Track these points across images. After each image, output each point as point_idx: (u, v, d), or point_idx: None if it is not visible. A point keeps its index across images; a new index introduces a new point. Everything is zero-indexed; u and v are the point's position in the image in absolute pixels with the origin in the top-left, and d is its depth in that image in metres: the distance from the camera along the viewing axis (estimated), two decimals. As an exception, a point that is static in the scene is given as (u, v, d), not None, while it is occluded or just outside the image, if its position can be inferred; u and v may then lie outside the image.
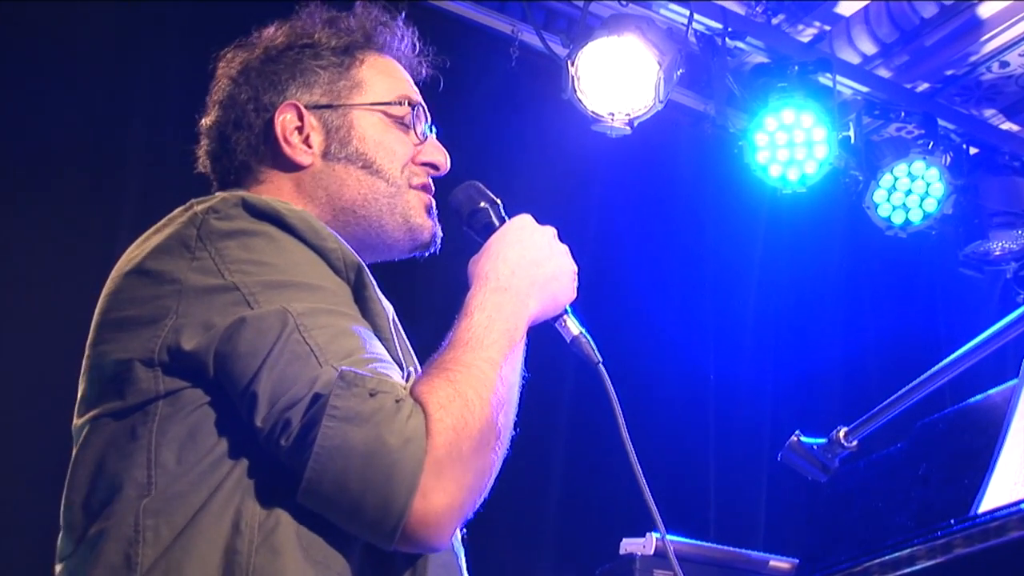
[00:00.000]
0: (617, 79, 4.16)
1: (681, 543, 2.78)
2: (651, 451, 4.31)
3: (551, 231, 1.89)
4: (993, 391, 2.08)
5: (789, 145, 4.44)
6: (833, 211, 5.00)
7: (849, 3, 4.61)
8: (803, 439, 2.27)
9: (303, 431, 1.52)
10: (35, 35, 3.60)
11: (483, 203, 1.93)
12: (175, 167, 2.20)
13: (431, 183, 2.00)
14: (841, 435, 2.24)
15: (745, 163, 4.50)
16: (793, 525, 4.47)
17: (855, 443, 2.23)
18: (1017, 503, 1.58)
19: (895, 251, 5.09)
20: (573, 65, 4.15)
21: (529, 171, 4.30)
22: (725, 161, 4.65)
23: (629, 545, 2.84)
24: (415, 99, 2.01)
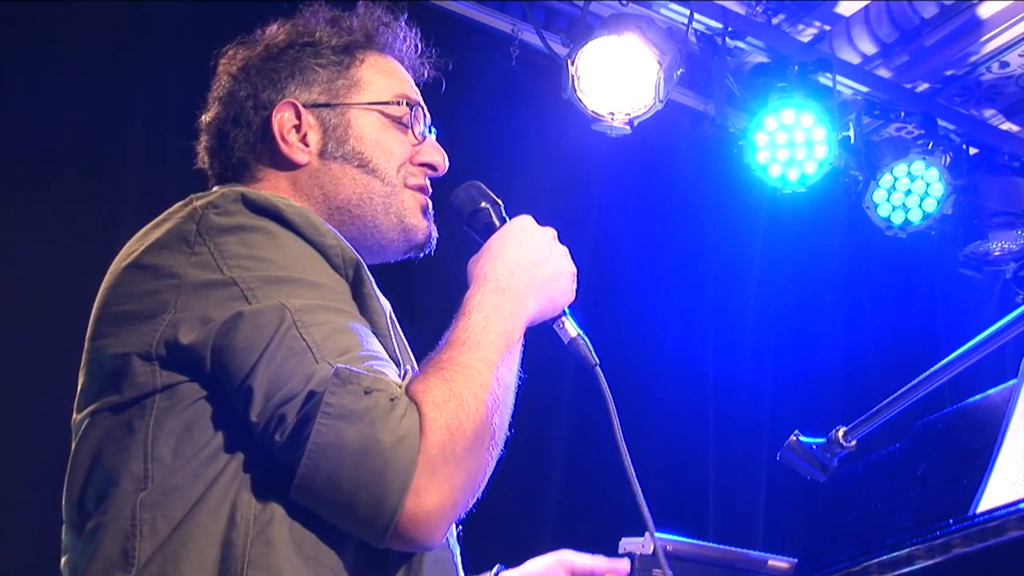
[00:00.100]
0: (617, 78, 4.16)
1: (680, 542, 2.77)
2: (650, 451, 4.36)
3: (551, 232, 1.88)
4: (992, 391, 2.07)
5: (789, 145, 4.44)
6: (833, 211, 5.00)
7: (849, 3, 4.61)
8: (802, 439, 2.27)
9: (297, 427, 1.52)
10: (35, 35, 3.60)
11: (484, 203, 1.93)
12: (175, 167, 2.20)
13: (428, 184, 2.00)
14: (840, 435, 2.24)
15: (745, 163, 4.50)
16: (792, 525, 4.48)
17: (854, 443, 2.23)
18: (1016, 503, 1.58)
19: (895, 251, 5.09)
20: (573, 64, 4.15)
21: (529, 170, 4.30)
22: (725, 161, 4.65)
23: (628, 544, 2.83)
24: (414, 99, 2.01)
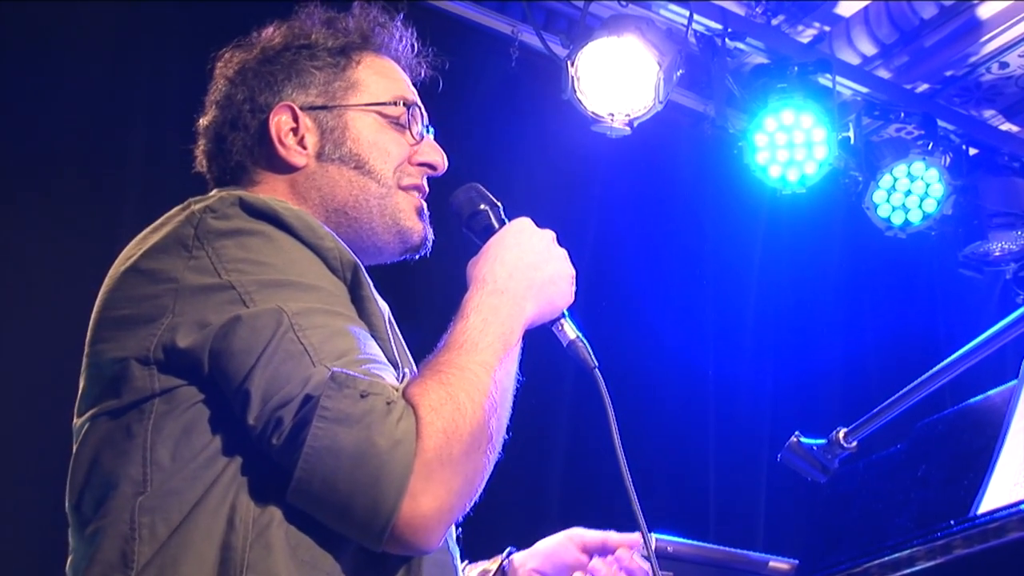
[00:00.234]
0: (617, 80, 4.16)
1: (681, 544, 2.78)
2: (651, 452, 4.36)
3: (550, 234, 1.88)
4: (993, 392, 2.07)
5: (789, 146, 4.44)
6: (833, 212, 5.00)
7: (849, 4, 4.61)
8: (803, 440, 2.27)
9: (294, 431, 1.52)
10: (35, 35, 3.60)
11: (483, 205, 1.93)
12: (175, 167, 2.20)
13: (425, 185, 2.00)
14: (841, 436, 2.24)
15: (745, 164, 4.50)
16: (793, 526, 4.48)
17: (855, 444, 2.23)
18: (1017, 504, 1.58)
19: (895, 252, 5.08)
20: (573, 65, 4.15)
21: (529, 172, 4.30)
22: (725, 162, 4.65)
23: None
24: (411, 99, 2.01)
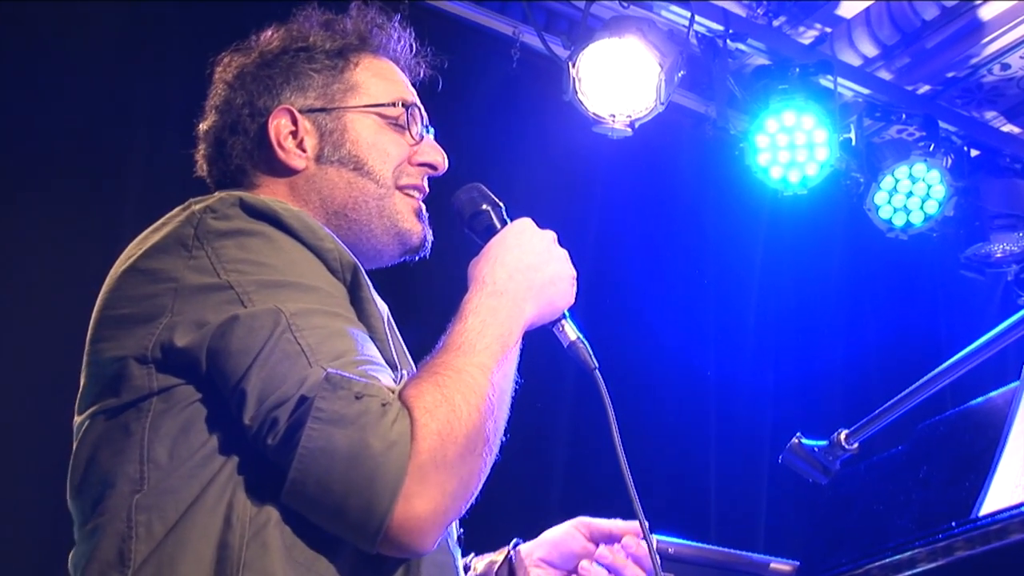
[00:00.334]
0: (618, 81, 4.16)
1: (681, 545, 2.77)
2: (652, 453, 4.35)
3: (551, 235, 1.88)
4: (994, 393, 2.07)
5: (790, 147, 4.44)
6: (834, 213, 5.00)
7: (850, 5, 4.61)
8: (804, 441, 2.27)
9: (289, 431, 1.52)
10: (35, 35, 3.60)
11: (485, 206, 1.93)
12: (175, 167, 2.20)
13: (425, 185, 2.00)
14: (842, 437, 2.23)
15: (746, 165, 4.50)
16: (794, 527, 4.47)
17: (856, 445, 2.23)
18: (1018, 506, 1.57)
19: (896, 253, 5.08)
20: (574, 66, 4.15)
21: (530, 173, 4.30)
22: (726, 163, 4.65)
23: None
24: (410, 100, 2.00)
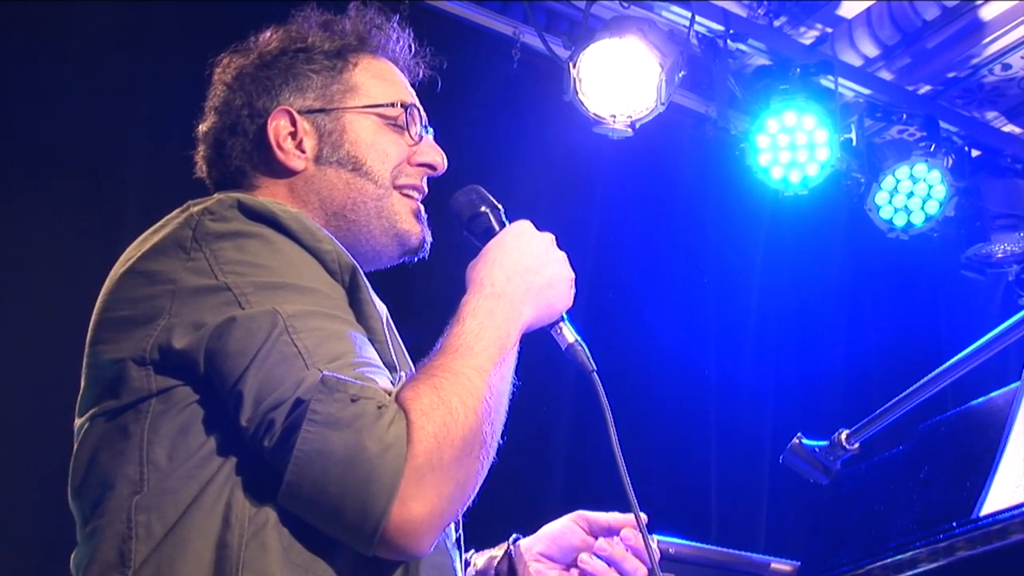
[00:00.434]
0: (619, 81, 4.16)
1: (682, 545, 2.77)
2: (653, 453, 4.35)
3: (549, 237, 1.87)
4: (995, 394, 2.07)
5: (791, 147, 4.44)
6: (835, 213, 4.99)
7: (851, 5, 4.60)
8: (805, 441, 2.27)
9: (285, 434, 1.52)
10: (35, 35, 3.60)
11: (484, 207, 1.92)
12: (176, 168, 2.20)
13: (424, 185, 2.00)
14: (843, 437, 2.23)
15: (747, 165, 4.50)
16: (795, 527, 4.47)
17: (857, 445, 2.23)
18: (1019, 506, 1.58)
19: (897, 253, 5.08)
20: (575, 67, 4.15)
21: (530, 173, 4.30)
22: (727, 163, 4.64)
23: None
24: (409, 100, 2.00)
